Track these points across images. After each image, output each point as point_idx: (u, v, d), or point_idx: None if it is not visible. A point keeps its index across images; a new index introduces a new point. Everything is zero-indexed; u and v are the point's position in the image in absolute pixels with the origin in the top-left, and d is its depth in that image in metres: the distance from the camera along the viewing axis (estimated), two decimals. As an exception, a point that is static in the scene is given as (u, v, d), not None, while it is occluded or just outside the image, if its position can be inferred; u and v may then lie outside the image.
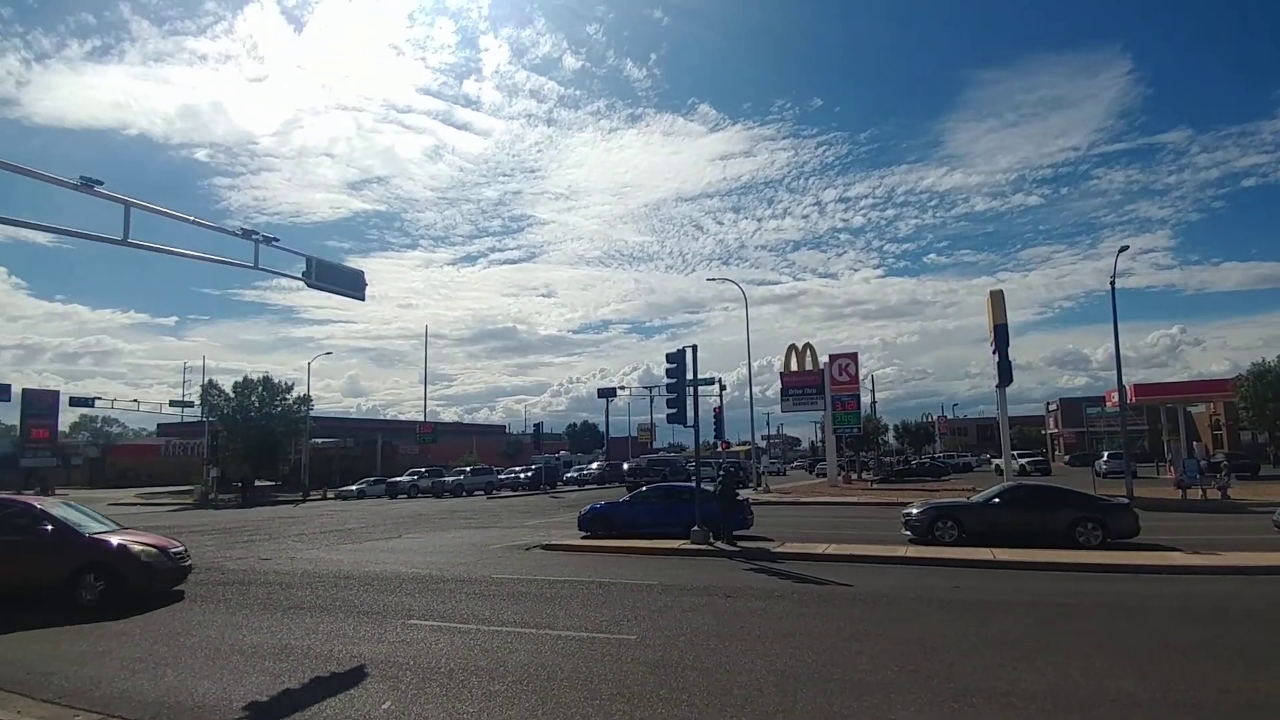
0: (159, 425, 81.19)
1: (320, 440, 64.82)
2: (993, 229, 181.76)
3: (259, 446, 49.09)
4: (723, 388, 47.14)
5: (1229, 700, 6.06)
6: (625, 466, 49.14)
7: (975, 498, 17.64)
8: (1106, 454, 47.17)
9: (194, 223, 11.73)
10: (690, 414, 17.46)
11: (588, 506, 20.25)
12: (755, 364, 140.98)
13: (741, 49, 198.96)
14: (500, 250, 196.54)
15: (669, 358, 17.66)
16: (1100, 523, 15.44)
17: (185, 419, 66.28)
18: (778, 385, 45.43)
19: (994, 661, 7.27)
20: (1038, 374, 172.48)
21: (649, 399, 68.15)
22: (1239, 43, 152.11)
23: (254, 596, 11.75)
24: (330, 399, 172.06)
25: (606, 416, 62.07)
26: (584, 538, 18.49)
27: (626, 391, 70.72)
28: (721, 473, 18.53)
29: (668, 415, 18.03)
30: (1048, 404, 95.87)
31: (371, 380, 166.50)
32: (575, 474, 52.74)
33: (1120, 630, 8.56)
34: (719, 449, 52.75)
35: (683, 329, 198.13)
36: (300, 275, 12.07)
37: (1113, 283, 29.33)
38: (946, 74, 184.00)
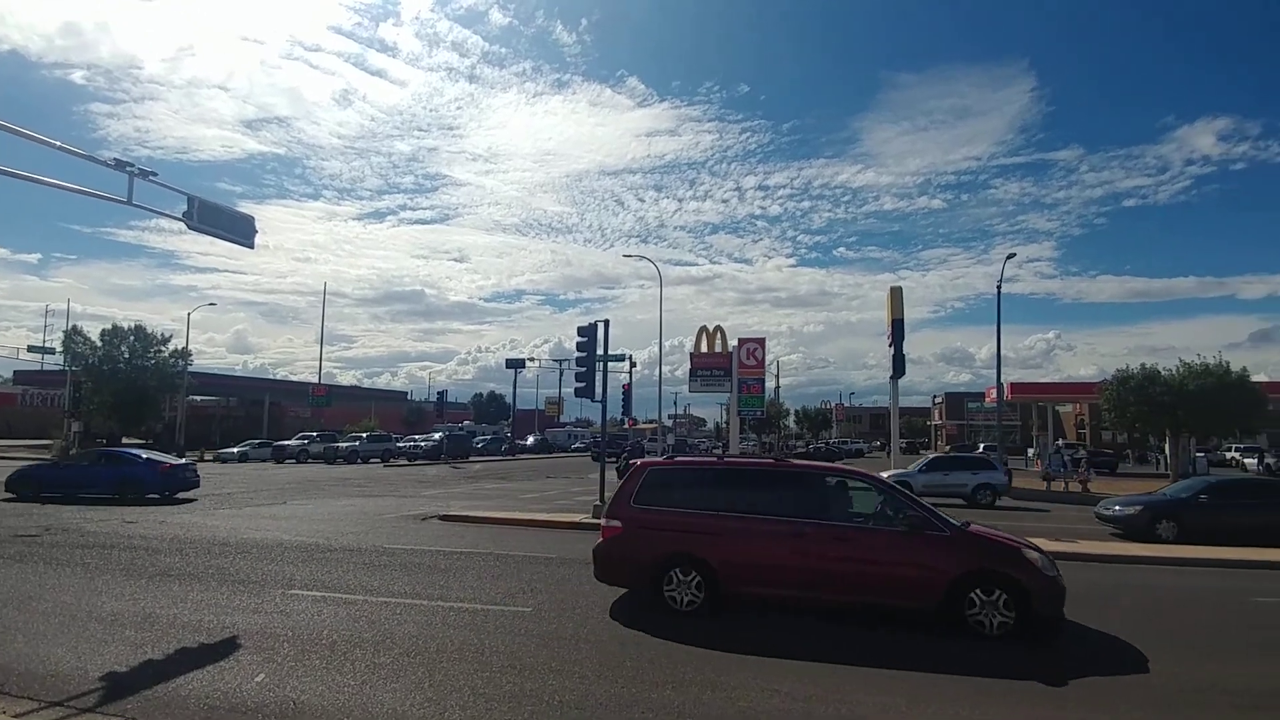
0: (15, 372, 73.64)
1: (199, 397, 60.72)
2: (898, 228, 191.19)
3: (128, 401, 45.28)
4: (633, 365, 47.21)
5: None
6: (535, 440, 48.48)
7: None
8: (982, 445, 50.76)
9: (60, 148, 10.49)
10: (599, 389, 17.38)
11: (16, 470, 21.18)
12: (667, 343, 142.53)
13: (674, 26, 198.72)
14: (412, 209, 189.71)
15: (581, 331, 17.49)
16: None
17: (46, 367, 60.53)
18: (687, 365, 46.02)
19: (879, 634, 7.62)
20: (928, 368, 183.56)
21: (558, 372, 67.69)
22: (1135, 72, 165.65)
23: (116, 561, 10.87)
24: (213, 354, 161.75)
25: (514, 387, 61.22)
26: (13, 499, 19.17)
27: (536, 363, 70.11)
28: (626, 449, 18.60)
29: (576, 389, 17.92)
30: (934, 397, 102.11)
31: (261, 337, 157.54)
32: (407, 445, 47.30)
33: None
34: (626, 425, 53.13)
35: (597, 304, 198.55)
36: (180, 216, 11.07)
37: (999, 287, 31.40)
38: (868, 73, 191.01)
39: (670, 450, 47.76)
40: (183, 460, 21.53)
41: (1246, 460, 45.44)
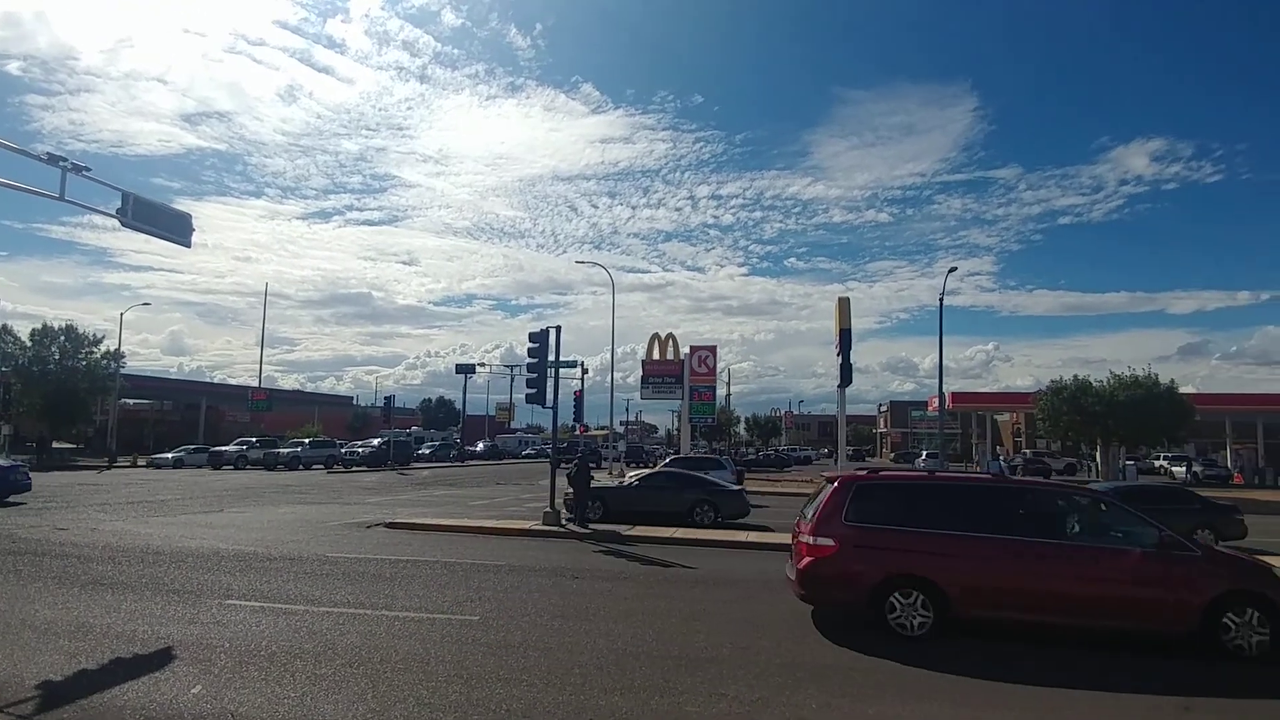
0: (-68, 373, 69.46)
1: (132, 401, 58.10)
2: (846, 240, 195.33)
3: (58, 403, 43.29)
4: (585, 371, 47.37)
5: (1020, 672, 6.88)
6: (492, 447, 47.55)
7: (624, 481, 19.92)
8: (925, 453, 52.21)
9: (-12, 141, 10.06)
10: (550, 395, 17.35)
11: None
12: (619, 350, 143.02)
13: (629, 35, 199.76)
14: (359, 209, 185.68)
15: (532, 337, 17.44)
16: (714, 505, 17.78)
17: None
18: (639, 372, 46.20)
19: (816, 637, 7.83)
20: (874, 377, 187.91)
21: (510, 378, 67.14)
22: (1072, 95, 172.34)
23: (48, 569, 10.43)
24: (147, 356, 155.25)
25: (464, 393, 60.57)
26: None
27: (487, 369, 69.55)
28: (579, 455, 18.62)
29: (527, 395, 17.83)
30: (879, 405, 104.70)
31: (198, 338, 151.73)
32: (346, 454, 45.42)
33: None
34: (577, 432, 52.96)
35: (549, 310, 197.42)
36: (114, 212, 10.68)
37: (941, 300, 32.47)
38: (819, 89, 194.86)
39: (624, 455, 47.79)
40: (13, 463, 21.55)
41: (1175, 468, 47.82)
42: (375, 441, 48.05)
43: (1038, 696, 6.21)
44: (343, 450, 46.03)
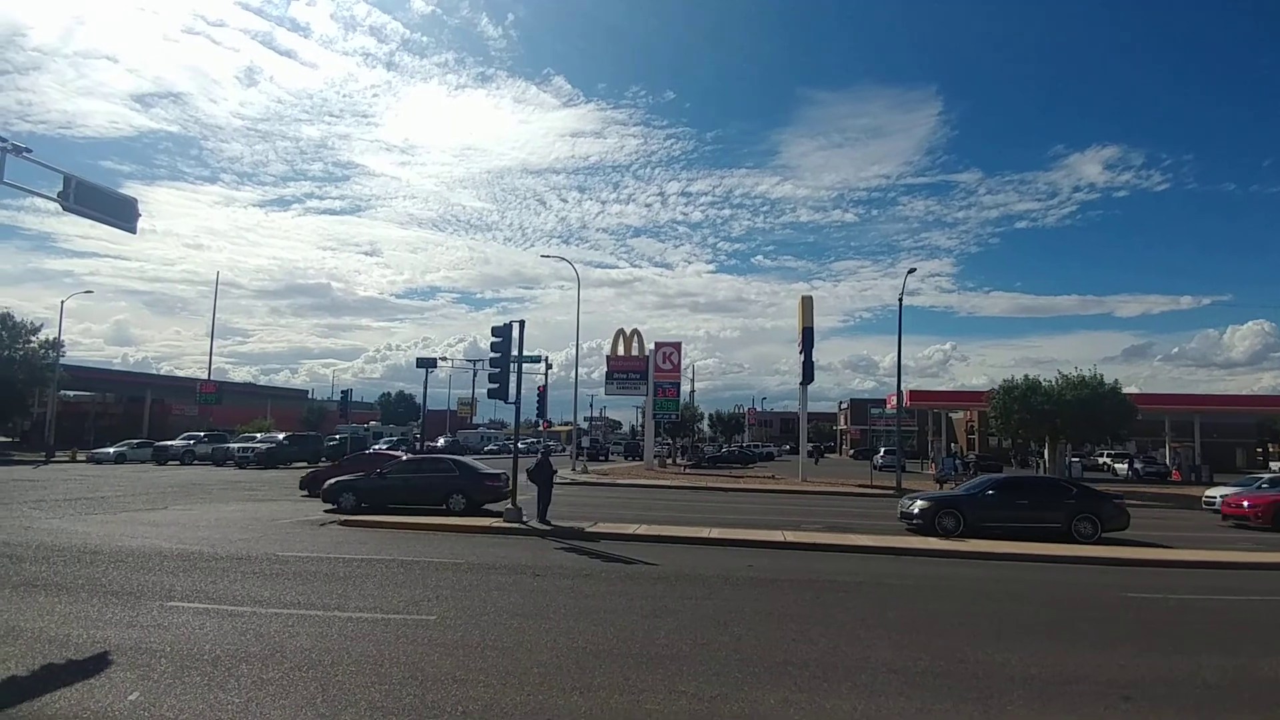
0: None
1: (72, 393, 55.94)
2: (813, 240, 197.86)
3: (-8, 396, 41.38)
4: (549, 366, 46.88)
5: (967, 669, 6.99)
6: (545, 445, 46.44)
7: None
8: (883, 449, 53.15)
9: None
10: (512, 390, 17.14)
11: None
12: (585, 346, 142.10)
13: (602, 29, 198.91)
14: (320, 198, 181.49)
15: (495, 331, 17.19)
16: None
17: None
18: (604, 368, 46.05)
19: (776, 634, 7.84)
20: (835, 375, 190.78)
21: (472, 373, 66.49)
22: (1031, 102, 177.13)
23: (-31, 573, 9.86)
24: (90, 346, 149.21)
25: (425, 387, 59.26)
26: None
27: (449, 363, 68.50)
28: (541, 451, 18.42)
29: (489, 390, 17.61)
30: (840, 403, 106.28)
31: (145, 328, 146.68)
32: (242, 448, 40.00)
33: (882, 605, 9.61)
34: (540, 428, 52.55)
35: (515, 304, 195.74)
36: (55, 196, 10.16)
37: (901, 300, 33.01)
38: (788, 89, 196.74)
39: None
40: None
41: (1117, 465, 49.46)
42: (280, 436, 43.89)
43: (985, 687, 6.31)
44: (235, 447, 40.64)
